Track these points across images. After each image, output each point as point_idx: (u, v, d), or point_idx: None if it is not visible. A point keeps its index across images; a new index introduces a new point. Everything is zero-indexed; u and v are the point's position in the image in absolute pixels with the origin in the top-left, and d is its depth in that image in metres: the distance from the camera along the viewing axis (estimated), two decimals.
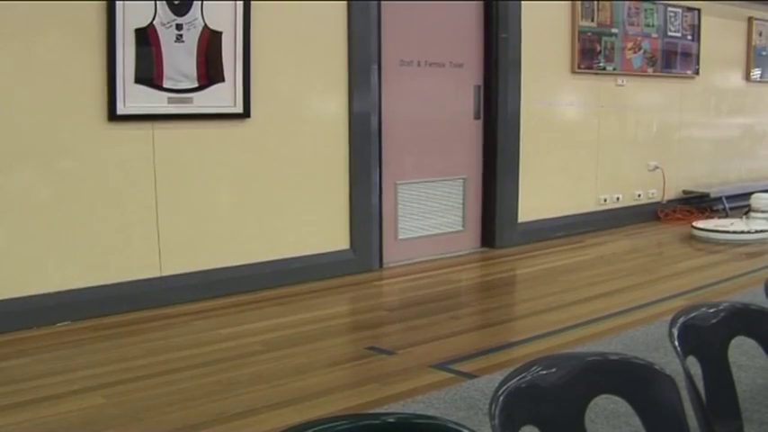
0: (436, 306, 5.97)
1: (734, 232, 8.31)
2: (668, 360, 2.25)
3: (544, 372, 1.74)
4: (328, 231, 6.60)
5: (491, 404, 1.63)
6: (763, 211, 8.43)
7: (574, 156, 8.70)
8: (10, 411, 3.93)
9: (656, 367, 1.89)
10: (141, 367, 4.60)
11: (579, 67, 8.58)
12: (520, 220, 8.13)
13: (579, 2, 8.47)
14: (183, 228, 5.89)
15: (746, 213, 8.65)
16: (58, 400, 4.07)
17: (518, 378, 1.68)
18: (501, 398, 1.63)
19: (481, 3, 7.71)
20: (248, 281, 6.17)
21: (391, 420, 1.55)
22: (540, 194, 8.29)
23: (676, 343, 2.09)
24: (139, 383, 4.33)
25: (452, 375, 4.40)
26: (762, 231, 8.30)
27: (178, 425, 3.78)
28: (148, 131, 5.70)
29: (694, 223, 8.65)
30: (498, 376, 4.15)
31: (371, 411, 3.79)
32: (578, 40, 8.53)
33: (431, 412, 3.76)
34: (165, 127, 5.76)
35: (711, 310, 2.26)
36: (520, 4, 7.85)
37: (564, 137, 8.49)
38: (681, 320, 2.14)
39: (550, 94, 8.34)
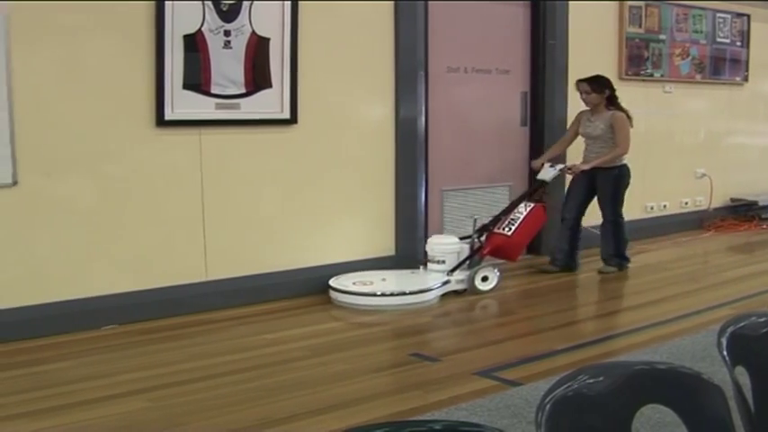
0: (481, 313, 5.96)
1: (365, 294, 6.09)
2: (715, 370, 2.21)
3: (591, 380, 1.72)
4: (374, 237, 6.60)
5: (537, 412, 1.61)
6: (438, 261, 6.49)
7: None
8: (54, 414, 3.97)
9: (705, 377, 1.87)
10: (184, 372, 4.63)
11: (626, 74, 8.52)
12: None
13: (627, 7, 8.41)
14: (228, 233, 5.92)
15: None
16: (102, 404, 4.11)
17: (565, 386, 1.67)
18: (547, 406, 1.61)
19: (528, 6, 7.69)
20: (293, 286, 6.18)
21: (437, 428, 1.54)
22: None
23: (725, 353, 2.06)
24: (182, 388, 4.36)
25: (496, 383, 4.38)
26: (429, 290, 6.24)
27: (221, 429, 3.80)
28: (195, 137, 5.74)
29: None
30: (543, 384, 4.13)
31: (416, 419, 3.78)
32: (626, 47, 8.47)
33: (474, 420, 3.74)
34: (212, 132, 5.80)
35: (761, 320, 2.22)
36: (567, 7, 7.81)
37: None
38: (730, 330, 2.11)
39: None
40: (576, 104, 7.89)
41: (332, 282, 6.17)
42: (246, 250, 6.04)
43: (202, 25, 5.62)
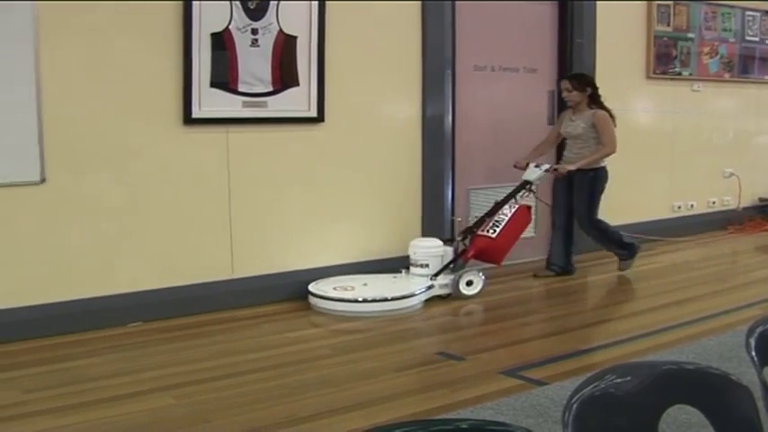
0: (507, 312, 5.95)
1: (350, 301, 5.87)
2: (743, 371, 2.20)
3: (618, 380, 1.72)
4: (400, 236, 6.58)
5: (564, 412, 1.61)
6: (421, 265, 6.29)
7: (647, 162, 8.59)
8: (79, 410, 3.99)
9: (733, 378, 1.86)
10: (210, 369, 4.65)
11: (654, 73, 8.48)
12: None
13: (655, 6, 8.36)
14: (255, 231, 5.93)
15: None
16: (127, 400, 4.13)
17: (592, 386, 1.66)
18: (574, 406, 1.61)
19: (555, 5, 7.67)
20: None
21: (464, 426, 1.54)
22: (613, 201, 8.18)
23: (753, 353, 2.05)
24: (208, 385, 4.38)
25: (522, 382, 4.38)
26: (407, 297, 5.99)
27: (246, 427, 3.81)
28: (223, 135, 5.76)
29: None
30: (568, 384, 4.13)
31: (443, 417, 3.78)
32: (654, 45, 8.42)
33: (499, 419, 3.73)
34: (239, 130, 5.82)
35: None
36: (595, 6, 7.78)
37: (638, 143, 8.38)
38: (758, 330, 2.10)
39: (625, 99, 8.24)
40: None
41: (311, 287, 5.99)
42: (273, 248, 6.06)
43: (230, 23, 5.64)
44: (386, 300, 5.86)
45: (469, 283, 6.31)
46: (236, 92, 5.74)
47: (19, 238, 5.12)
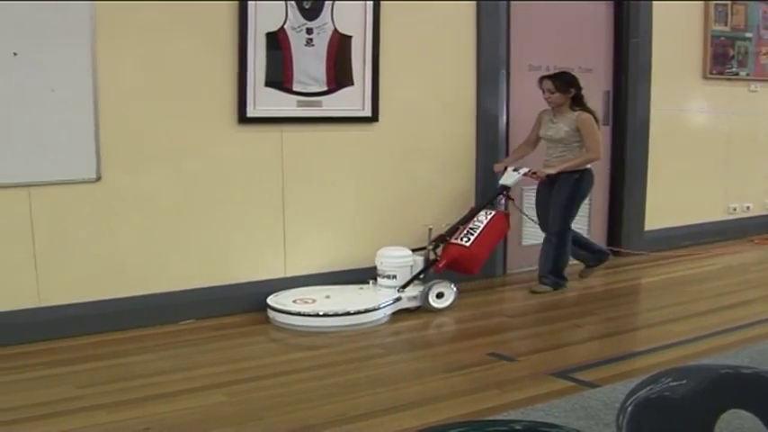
0: (558, 313, 5.92)
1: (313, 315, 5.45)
2: None
3: (674, 383, 1.70)
4: None
5: (619, 414, 1.61)
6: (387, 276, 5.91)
7: (703, 163, 8.49)
8: (132, 406, 4.04)
9: None
10: (262, 367, 4.68)
11: (711, 73, 8.38)
12: (646, 228, 7.99)
13: (712, 5, 8.27)
14: (308, 229, 5.96)
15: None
16: (179, 397, 4.18)
17: (647, 389, 1.66)
18: (629, 408, 1.61)
19: (611, 5, 7.61)
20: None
21: (518, 428, 1.54)
22: (668, 202, 8.12)
23: None
24: (260, 383, 4.41)
25: (573, 384, 4.35)
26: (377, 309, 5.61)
27: (296, 425, 3.82)
28: (277, 134, 5.79)
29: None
30: (620, 387, 4.10)
31: (496, 418, 3.77)
32: (711, 45, 8.33)
33: (550, 421, 3.72)
34: (293, 130, 5.85)
35: None
36: (651, 6, 7.71)
37: (693, 144, 8.30)
38: None
39: (681, 99, 8.17)
40: (658, 103, 7.80)
41: (270, 300, 5.62)
42: (325, 247, 6.08)
43: (285, 23, 5.67)
44: (348, 314, 5.44)
45: (440, 296, 5.91)
46: (290, 91, 5.77)
47: (75, 236, 5.19)
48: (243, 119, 5.63)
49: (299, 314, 5.41)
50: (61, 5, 4.92)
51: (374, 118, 6.15)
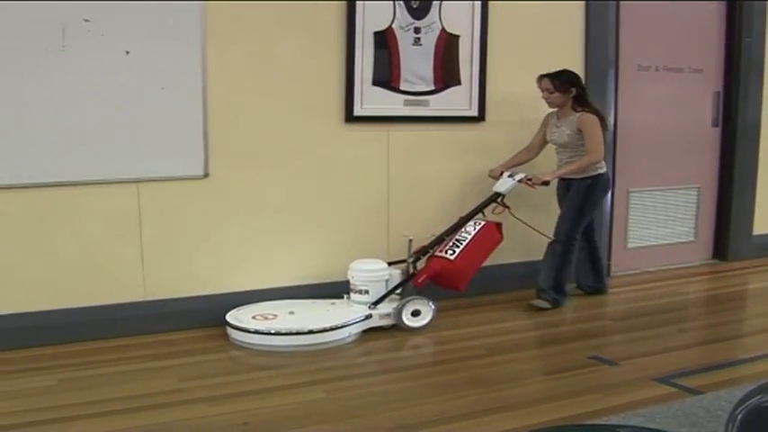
0: (663, 318, 5.83)
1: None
2: None
3: None
4: None
5: (728, 423, 1.59)
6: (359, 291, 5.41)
7: None
8: (232, 400, 4.12)
9: None
10: (361, 365, 4.75)
11: None
12: (755, 233, 7.81)
13: None
14: (414, 228, 5.94)
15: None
16: (279, 393, 4.24)
17: (758, 397, 1.64)
18: (739, 416, 1.59)
19: (723, 4, 7.47)
20: (471, 284, 5.89)
21: None
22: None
23: None
24: (359, 381, 4.46)
25: (675, 390, 4.29)
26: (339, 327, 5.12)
27: (394, 423, 3.84)
28: (384, 133, 5.84)
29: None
30: (725, 394, 4.04)
31: (600, 422, 3.75)
32: None
33: (652, 427, 3.69)
34: (399, 129, 5.89)
35: None
36: (765, 6, 7.54)
37: None
38: None
39: None
40: None
41: (229, 317, 5.18)
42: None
43: (392, 22, 5.71)
44: (311, 332, 4.98)
45: (416, 314, 5.41)
46: (397, 90, 5.82)
47: (181, 231, 5.31)
48: (350, 117, 5.69)
49: (256, 332, 4.99)
50: (172, 5, 5.05)
51: (481, 117, 6.15)
